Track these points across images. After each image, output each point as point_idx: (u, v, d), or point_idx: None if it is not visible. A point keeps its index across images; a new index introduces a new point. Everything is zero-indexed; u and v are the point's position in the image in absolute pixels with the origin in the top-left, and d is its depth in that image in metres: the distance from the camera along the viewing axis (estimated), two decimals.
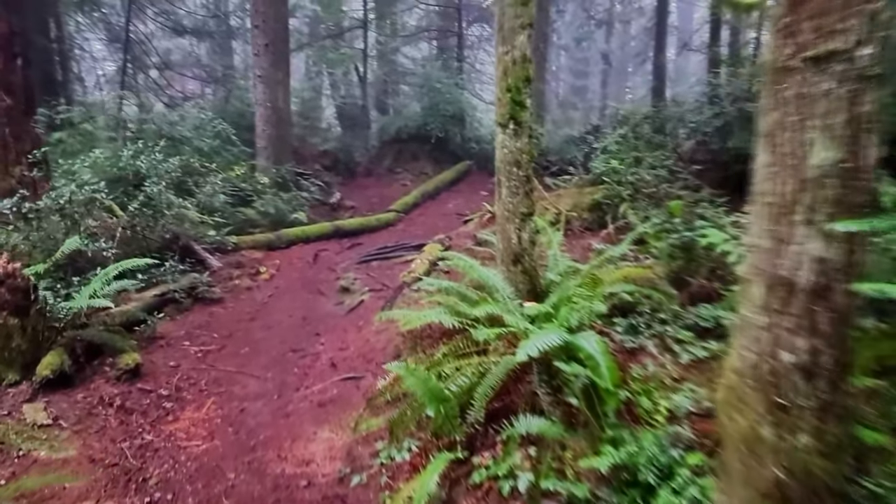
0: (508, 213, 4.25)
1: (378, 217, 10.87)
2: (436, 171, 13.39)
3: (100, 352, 5.01)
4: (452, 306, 4.48)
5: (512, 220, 4.24)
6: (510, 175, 4.21)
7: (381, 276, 7.70)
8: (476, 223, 9.15)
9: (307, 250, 9.05)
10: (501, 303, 3.99)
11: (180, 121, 10.39)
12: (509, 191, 4.21)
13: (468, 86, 15.27)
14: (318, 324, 6.39)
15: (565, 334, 2.85)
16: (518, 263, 4.32)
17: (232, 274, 7.46)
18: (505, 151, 4.19)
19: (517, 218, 4.26)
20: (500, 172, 4.27)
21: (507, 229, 4.27)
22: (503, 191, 4.26)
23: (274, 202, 10.27)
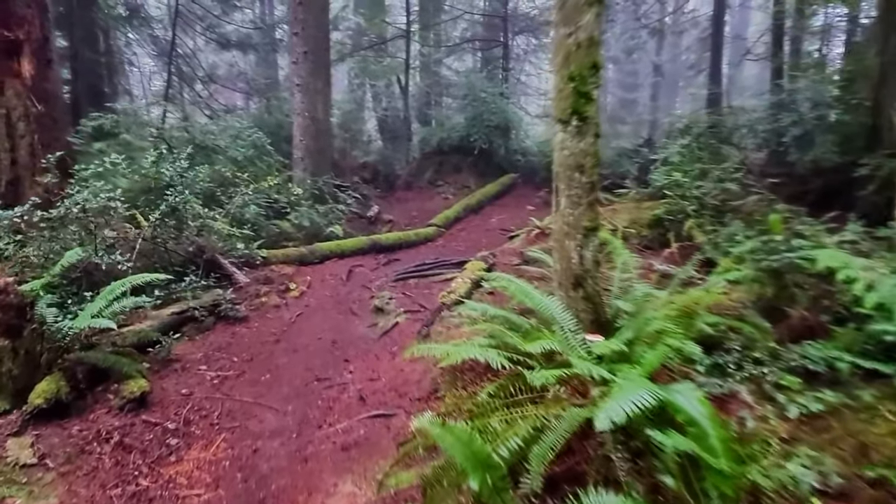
0: (568, 228, 3.55)
1: (417, 231, 10.27)
2: (479, 184, 12.75)
3: (105, 377, 4.50)
4: (500, 337, 3.80)
5: (572, 235, 3.53)
6: (571, 182, 3.51)
7: (418, 296, 7.06)
8: (522, 239, 8.44)
9: (341, 266, 8.50)
10: (560, 336, 3.28)
11: (216, 130, 10.05)
12: (569, 201, 3.51)
13: (513, 97, 14.59)
14: (348, 348, 5.77)
15: (657, 389, 2.13)
16: (579, 287, 3.60)
17: (259, 290, 6.95)
18: (565, 153, 3.50)
19: (579, 233, 3.55)
20: (559, 179, 3.58)
21: (567, 247, 3.57)
22: (562, 201, 3.56)
23: (309, 215, 9.80)
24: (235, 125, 10.04)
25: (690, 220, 7.42)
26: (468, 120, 13.31)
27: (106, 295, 4.36)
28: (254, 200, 8.27)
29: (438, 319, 6.01)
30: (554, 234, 3.77)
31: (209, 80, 18.34)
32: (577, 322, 3.41)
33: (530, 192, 12.60)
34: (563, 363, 2.93)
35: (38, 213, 5.07)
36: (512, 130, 13.70)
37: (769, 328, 3.92)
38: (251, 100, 18.79)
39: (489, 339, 3.86)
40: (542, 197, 11.87)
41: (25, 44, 7.42)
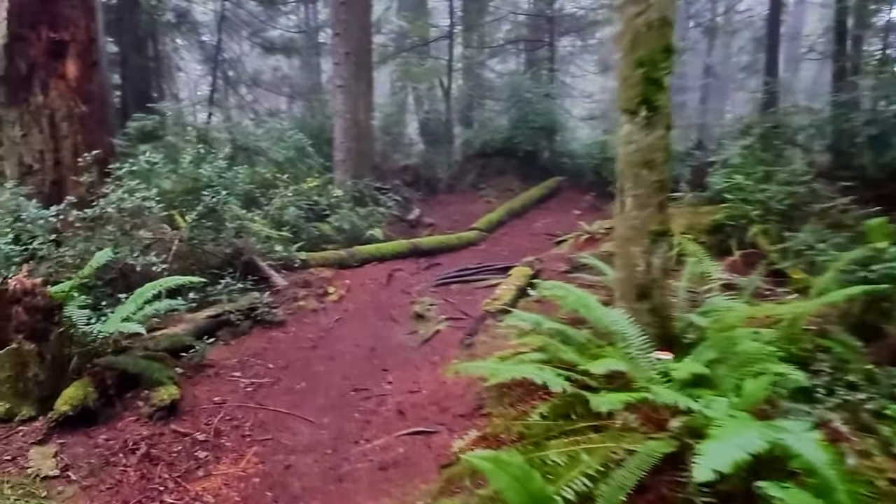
0: (634, 232, 3.17)
1: (459, 235, 9.96)
2: (522, 187, 12.35)
3: (134, 383, 4.31)
4: (552, 352, 3.44)
5: (638, 240, 3.15)
6: (637, 180, 3.13)
7: (460, 303, 6.73)
8: (570, 245, 8.03)
9: (381, 270, 8.24)
10: (626, 354, 2.90)
11: (257, 132, 9.97)
12: (636, 201, 3.13)
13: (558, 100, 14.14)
14: (387, 357, 5.48)
15: (767, 431, 1.73)
16: (644, 299, 3.22)
17: (297, 294, 6.73)
18: (631, 148, 3.12)
19: (646, 238, 3.16)
20: (624, 176, 3.20)
21: (632, 253, 3.18)
22: (627, 201, 3.18)
23: (349, 217, 9.59)
24: (277, 126, 9.90)
25: (755, 227, 6.89)
26: (513, 122, 12.93)
27: (136, 298, 4.17)
28: (294, 202, 8.10)
29: (482, 328, 5.68)
30: (616, 238, 3.39)
31: (253, 84, 18.50)
32: (644, 337, 3.01)
33: (576, 196, 12.14)
34: (632, 386, 2.55)
35: (73, 213, 4.95)
36: (558, 132, 13.25)
37: (862, 348, 3.45)
38: (294, 103, 18.85)
39: (541, 354, 3.50)
40: (588, 201, 11.41)
41: (71, 45, 7.40)
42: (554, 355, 3.44)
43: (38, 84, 7.14)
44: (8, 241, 4.55)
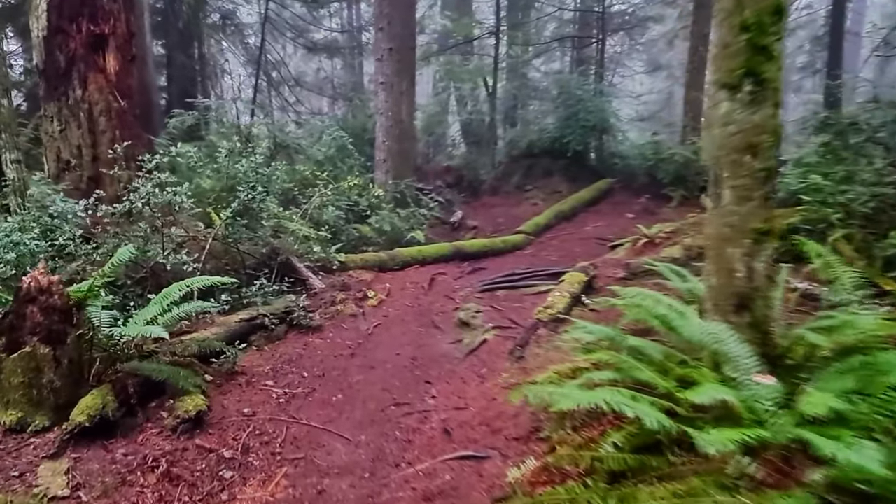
0: (732, 230, 2.64)
1: (504, 239, 9.47)
2: (571, 189, 11.79)
3: (160, 391, 3.97)
4: (627, 371, 2.94)
5: (737, 240, 2.62)
6: (738, 168, 2.60)
7: (508, 310, 6.24)
8: (627, 250, 7.45)
9: (423, 273, 7.83)
10: (725, 377, 2.38)
11: (297, 130, 9.70)
12: (736, 194, 2.60)
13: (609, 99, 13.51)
14: (430, 367, 5.04)
15: None
16: (744, 310, 2.68)
17: (335, 297, 6.36)
18: (730, 130, 2.60)
19: (747, 237, 2.63)
20: (720, 164, 2.67)
21: (729, 256, 2.65)
22: (724, 194, 2.66)
23: (390, 218, 9.23)
24: (318, 124, 9.62)
25: (836, 231, 6.21)
26: (561, 120, 12.38)
27: (162, 299, 3.84)
28: (333, 202, 7.75)
29: (534, 338, 5.18)
30: (709, 238, 2.86)
31: (296, 84, 18.43)
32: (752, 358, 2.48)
33: (629, 199, 11.51)
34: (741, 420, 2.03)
35: (102, 208, 4.68)
36: (609, 132, 12.62)
37: None
38: (336, 104, 18.70)
39: (611, 373, 3.00)
40: (642, 204, 10.77)
41: (111, 38, 7.23)
42: (627, 375, 2.93)
43: (77, 78, 6.98)
44: (34, 236, 4.28)
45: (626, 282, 6.54)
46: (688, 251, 6.59)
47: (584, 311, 5.88)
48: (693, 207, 10.90)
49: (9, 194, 4.98)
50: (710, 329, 2.55)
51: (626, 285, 6.48)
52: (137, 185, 4.88)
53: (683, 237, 6.94)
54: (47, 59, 7.03)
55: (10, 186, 5.08)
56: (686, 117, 12.36)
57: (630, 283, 6.50)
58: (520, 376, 4.51)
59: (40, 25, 6.85)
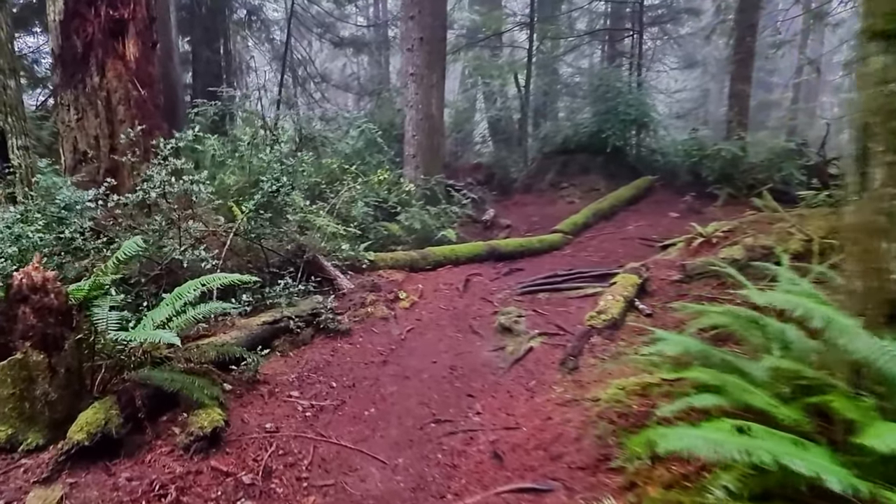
0: (886, 219, 2.07)
1: (541, 238, 8.92)
2: (609, 187, 11.18)
3: (172, 403, 3.52)
4: (733, 394, 2.39)
5: (893, 232, 2.05)
6: None
7: (553, 315, 5.70)
8: (681, 250, 6.84)
9: (456, 274, 7.32)
10: None
11: (322, 123, 9.27)
12: (892, 172, 2.03)
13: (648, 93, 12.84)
14: (471, 378, 4.52)
15: None
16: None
17: (365, 299, 5.88)
18: (886, 89, 2.03)
19: None
20: (871, 135, 2.11)
21: (881, 253, 2.09)
22: (875, 172, 2.09)
23: (420, 216, 8.74)
24: (345, 116, 9.17)
25: None
26: (599, 114, 11.77)
27: (173, 300, 3.38)
28: (362, 197, 7.28)
29: (587, 347, 4.63)
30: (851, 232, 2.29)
31: (322, 80, 18.09)
32: None
33: (671, 198, 10.86)
34: None
35: (114, 198, 4.26)
36: (649, 127, 11.97)
37: None
38: (362, 101, 18.33)
39: (716, 397, 2.45)
40: (687, 202, 10.12)
41: (130, 23, 6.85)
42: (735, 399, 2.39)
43: (95, 64, 6.61)
44: (38, 228, 3.87)
45: (683, 285, 5.96)
46: (750, 251, 5.98)
47: (639, 316, 5.32)
48: (741, 207, 10.23)
49: (15, 183, 4.60)
50: (868, 344, 1.97)
51: (683, 289, 5.91)
52: (152, 172, 4.44)
53: (743, 237, 6.33)
54: (63, 44, 6.67)
55: (16, 175, 4.70)
56: (731, 112, 11.68)
57: (687, 286, 5.93)
58: (576, 391, 3.98)
59: (56, 9, 6.49)
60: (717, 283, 5.84)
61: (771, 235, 6.09)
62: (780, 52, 21.10)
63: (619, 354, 4.50)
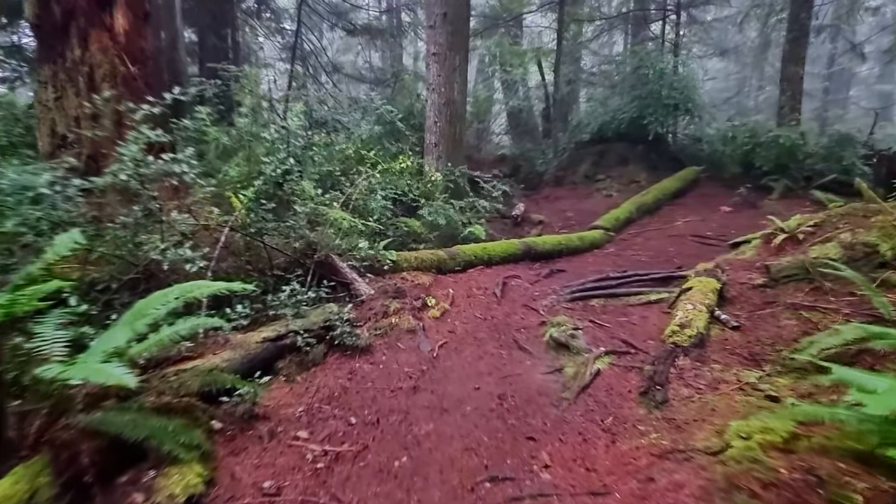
0: None
1: (581, 236, 7.93)
2: (650, 179, 10.16)
3: (136, 455, 2.59)
4: None
5: None
6: None
7: (615, 327, 4.72)
8: (759, 248, 5.83)
9: (490, 276, 6.36)
10: None
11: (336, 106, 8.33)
12: None
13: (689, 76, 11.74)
14: (528, 412, 3.56)
15: None
16: None
17: (388, 307, 4.93)
18: None
19: None
20: None
21: None
22: None
23: (445, 211, 7.78)
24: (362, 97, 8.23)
25: None
26: (640, 99, 10.71)
27: (134, 318, 2.44)
28: (381, 187, 6.33)
29: (674, 371, 3.66)
30: None
31: (334, 70, 17.20)
32: None
33: (719, 191, 9.83)
34: None
35: (75, 182, 3.34)
36: (694, 113, 10.89)
37: None
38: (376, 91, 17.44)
39: None
40: (741, 195, 9.08)
41: None
42: None
43: (76, 34, 5.72)
44: None
45: (768, 290, 4.96)
46: (849, 250, 4.99)
47: (724, 329, 4.33)
48: (799, 201, 9.20)
49: None
50: None
51: (769, 295, 4.91)
52: (122, 149, 3.51)
53: (837, 232, 5.31)
54: (41, 12, 5.78)
55: None
56: (784, 97, 10.59)
57: (773, 291, 4.93)
58: (673, 434, 3.01)
59: None
60: (809, 287, 4.85)
61: (872, 231, 5.08)
62: (820, 38, 19.94)
63: (717, 382, 3.52)
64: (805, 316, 4.37)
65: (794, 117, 10.11)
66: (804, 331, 4.14)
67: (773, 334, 4.20)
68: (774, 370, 3.60)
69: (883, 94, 29.50)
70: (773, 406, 3.13)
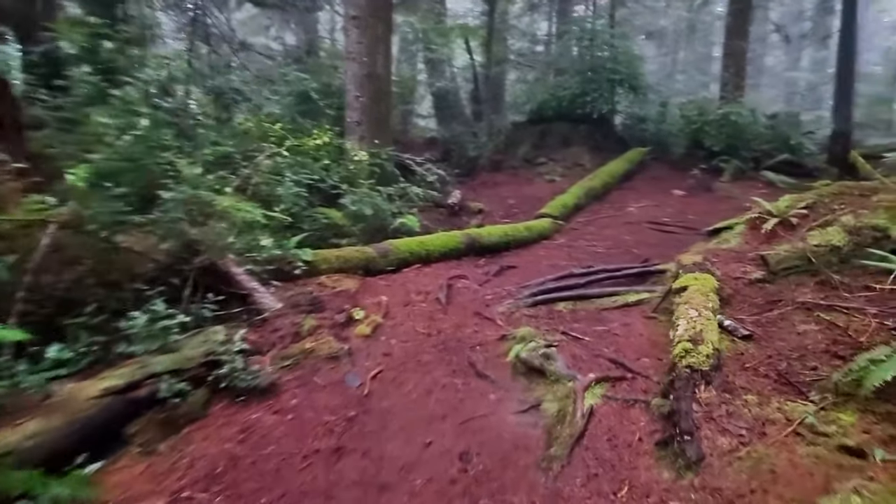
0: None
1: (528, 226, 6.93)
2: (595, 161, 9.33)
3: None
4: None
5: None
6: None
7: (595, 339, 3.72)
8: (745, 236, 4.99)
9: (430, 276, 5.23)
10: None
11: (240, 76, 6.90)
12: None
13: None
14: (505, 485, 2.47)
15: None
16: None
17: (300, 326, 3.70)
18: None
19: None
20: None
21: None
22: None
23: (371, 199, 6.57)
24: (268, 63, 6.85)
25: None
26: (581, 74, 9.82)
27: None
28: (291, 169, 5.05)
29: (698, 409, 2.67)
30: None
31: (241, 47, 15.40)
32: None
33: (668, 173, 9.16)
34: None
35: None
36: (639, 90, 10.11)
37: None
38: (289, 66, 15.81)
39: None
40: (695, 178, 8.39)
41: None
42: None
43: None
44: None
45: (768, 286, 4.12)
46: (855, 235, 4.22)
47: (734, 340, 3.42)
48: (752, 182, 8.65)
49: None
50: None
51: (771, 293, 4.07)
52: None
53: (835, 215, 4.55)
54: None
55: None
56: (728, 73, 10.02)
57: (776, 288, 4.09)
58: None
59: None
60: (814, 281, 4.05)
61: (878, 212, 4.35)
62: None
63: (760, 423, 2.57)
64: (824, 318, 3.54)
65: (740, 94, 9.58)
66: (833, 339, 3.29)
67: (796, 345, 3.32)
68: (825, 400, 2.70)
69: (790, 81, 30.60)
70: (858, 462, 2.20)
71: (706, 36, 22.99)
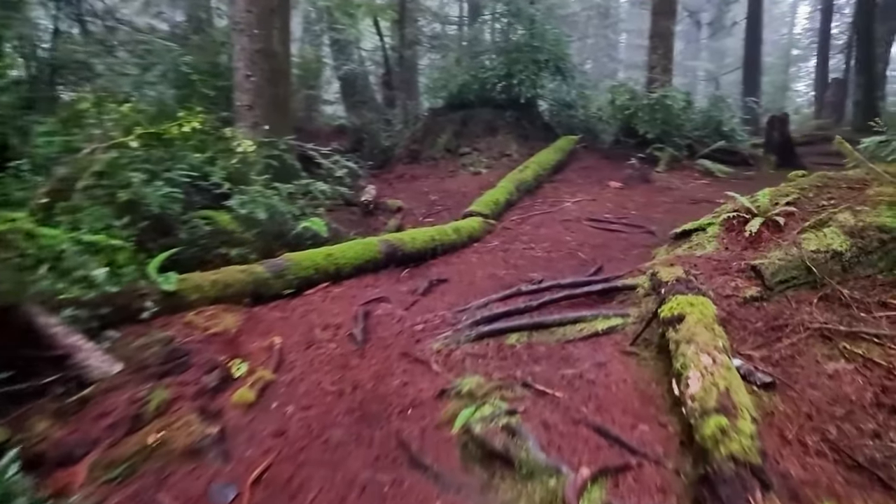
0: None
1: (457, 227, 5.92)
2: (524, 151, 8.45)
3: None
4: None
5: None
6: None
7: (568, 393, 2.77)
8: (721, 240, 4.19)
9: (342, 301, 4.10)
10: None
11: None
12: None
13: None
14: None
15: None
16: None
17: (145, 402, 2.48)
18: None
19: None
20: None
21: None
22: None
23: (266, 199, 5.35)
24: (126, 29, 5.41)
25: None
26: (506, 54, 8.88)
27: None
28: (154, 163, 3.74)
29: None
30: None
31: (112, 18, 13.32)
32: None
33: (600, 163, 8.46)
34: None
35: None
36: (566, 73, 9.32)
37: None
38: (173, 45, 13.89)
39: None
40: (633, 168, 7.70)
41: None
42: None
43: None
44: None
45: (766, 305, 3.33)
46: (857, 237, 3.53)
47: (754, 390, 2.57)
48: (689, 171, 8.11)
49: None
50: None
51: (773, 315, 3.28)
52: None
53: (828, 212, 3.85)
54: None
55: None
56: (655, 55, 9.46)
57: (776, 308, 3.30)
58: None
59: None
60: (816, 296, 3.31)
61: (880, 209, 3.68)
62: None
63: None
64: (854, 352, 2.77)
65: (668, 78, 9.04)
66: (880, 385, 2.52)
67: (834, 395, 2.53)
68: None
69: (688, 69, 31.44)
70: None
71: (616, 23, 22.95)
